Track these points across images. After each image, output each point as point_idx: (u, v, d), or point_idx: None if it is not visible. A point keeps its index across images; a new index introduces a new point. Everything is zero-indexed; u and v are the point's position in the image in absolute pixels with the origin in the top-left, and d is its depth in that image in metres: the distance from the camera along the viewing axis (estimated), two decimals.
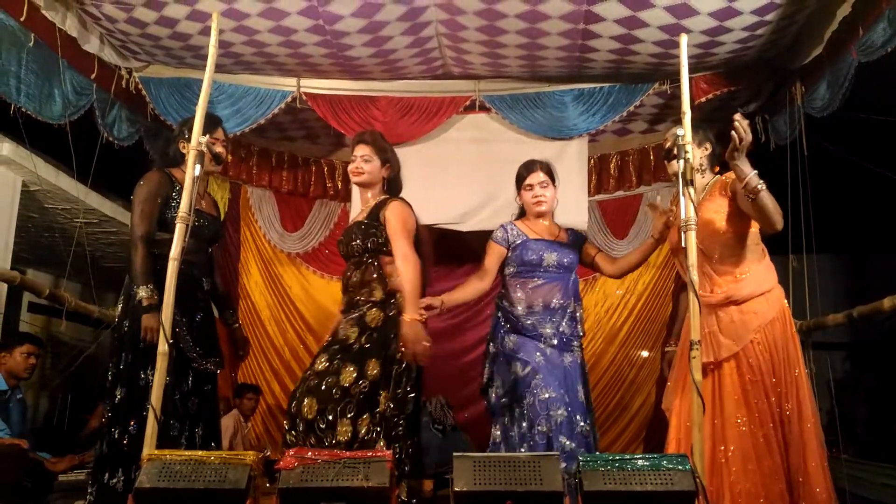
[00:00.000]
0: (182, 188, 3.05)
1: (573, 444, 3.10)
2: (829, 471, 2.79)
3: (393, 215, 3.13)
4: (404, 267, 3.02)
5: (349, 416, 2.91)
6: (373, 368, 2.97)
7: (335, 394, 2.93)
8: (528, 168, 3.48)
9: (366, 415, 2.93)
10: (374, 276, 3.10)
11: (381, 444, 2.90)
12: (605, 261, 3.52)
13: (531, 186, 3.44)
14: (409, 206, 3.22)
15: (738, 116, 2.64)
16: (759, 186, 2.69)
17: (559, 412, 3.11)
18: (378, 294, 3.09)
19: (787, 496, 2.78)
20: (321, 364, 3.02)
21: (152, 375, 2.89)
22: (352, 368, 2.96)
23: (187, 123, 3.24)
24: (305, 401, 2.93)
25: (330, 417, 2.90)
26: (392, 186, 3.32)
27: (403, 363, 3.00)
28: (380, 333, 3.02)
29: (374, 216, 3.16)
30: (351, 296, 3.13)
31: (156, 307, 2.93)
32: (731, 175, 3.10)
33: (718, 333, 2.89)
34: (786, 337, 2.90)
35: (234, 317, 3.55)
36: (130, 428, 2.94)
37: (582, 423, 3.19)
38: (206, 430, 3.17)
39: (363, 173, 3.24)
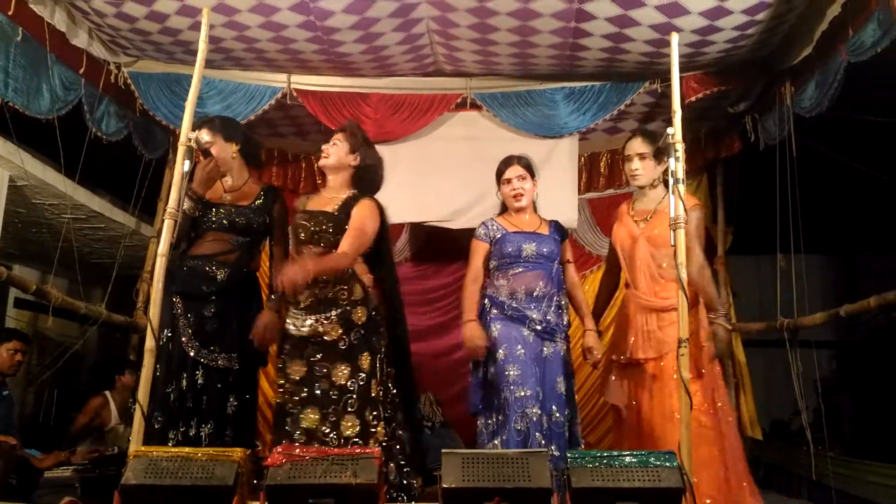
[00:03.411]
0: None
1: (548, 440, 3.18)
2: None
3: (358, 213, 3.10)
4: (338, 258, 2.96)
5: (351, 410, 2.94)
6: (365, 361, 3.01)
7: (332, 395, 2.94)
8: (505, 163, 3.55)
9: (369, 406, 2.97)
10: (350, 272, 3.08)
11: (381, 428, 2.96)
12: (570, 273, 3.57)
13: (509, 180, 3.51)
14: (381, 208, 3.19)
15: None
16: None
17: (534, 410, 3.18)
18: (359, 292, 3.08)
19: (730, 482, 3.01)
20: (297, 372, 3.00)
21: (158, 369, 2.88)
22: (344, 366, 2.97)
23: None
24: (305, 413, 2.93)
25: (333, 419, 2.92)
26: (364, 183, 3.26)
27: (383, 353, 3.08)
28: (366, 329, 3.05)
29: (346, 211, 3.11)
30: (324, 291, 3.05)
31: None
32: (690, 198, 3.32)
33: (658, 332, 3.15)
34: (711, 347, 3.20)
35: (269, 301, 3.23)
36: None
37: (558, 415, 3.25)
38: (216, 429, 3.07)
39: (329, 156, 3.22)
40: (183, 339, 3.07)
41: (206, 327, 3.12)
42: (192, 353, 3.07)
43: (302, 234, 3.13)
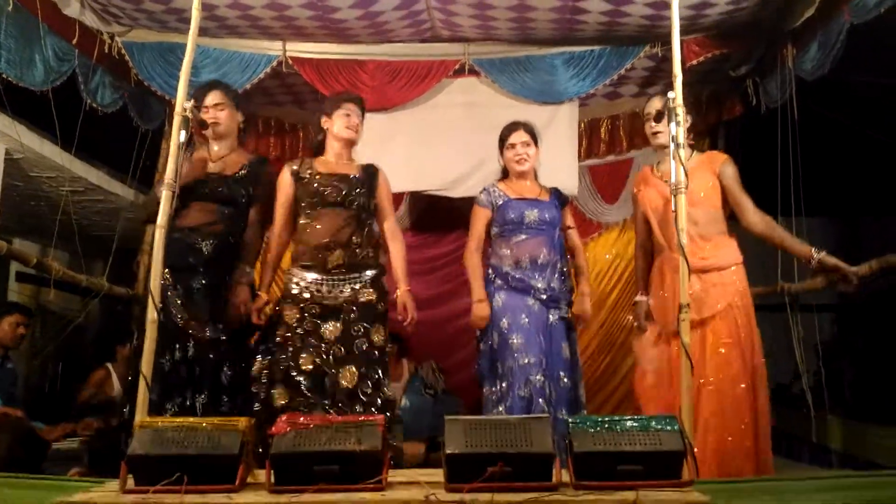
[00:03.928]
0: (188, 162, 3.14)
1: (557, 406, 3.24)
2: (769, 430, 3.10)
3: (387, 186, 3.34)
4: (395, 244, 3.29)
5: (387, 373, 3.12)
6: (386, 327, 3.19)
7: (374, 354, 3.06)
8: (510, 128, 3.56)
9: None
10: (377, 238, 3.28)
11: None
12: (573, 237, 3.62)
13: (513, 146, 3.53)
14: None
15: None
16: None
17: (537, 377, 3.22)
18: (384, 258, 3.27)
19: (754, 452, 2.99)
20: (333, 331, 3.07)
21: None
22: (382, 329, 3.14)
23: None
24: (342, 371, 3.01)
25: (376, 377, 3.06)
26: None
27: None
28: (388, 297, 3.21)
29: (370, 178, 3.23)
30: (354, 253, 3.16)
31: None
32: (718, 155, 3.40)
33: (700, 293, 3.07)
34: (751, 304, 3.20)
35: (238, 275, 3.24)
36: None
37: (566, 380, 3.31)
38: (210, 399, 3.11)
39: (358, 132, 3.37)
40: (172, 310, 3.08)
41: (194, 299, 3.14)
42: (181, 325, 3.09)
43: (334, 195, 3.19)
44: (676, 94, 2.76)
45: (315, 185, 3.21)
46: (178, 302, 3.10)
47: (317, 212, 3.20)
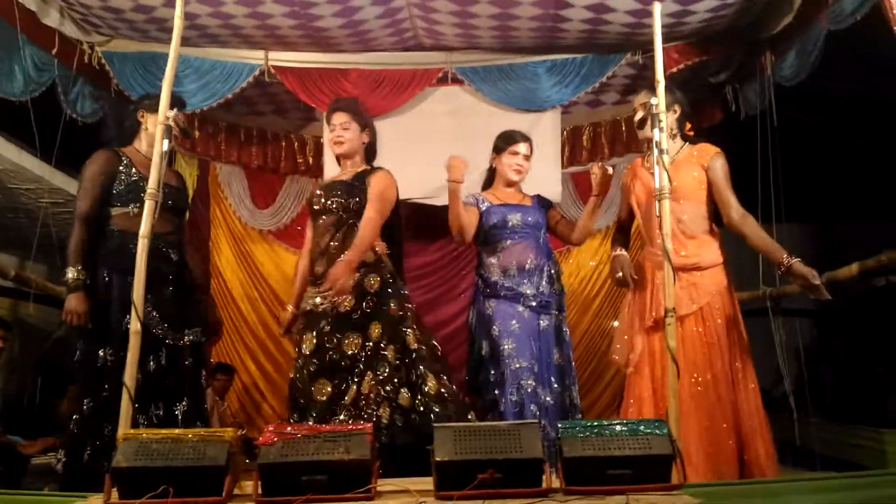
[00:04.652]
0: (131, 163, 3.17)
1: (546, 412, 3.24)
2: (769, 429, 3.03)
3: (377, 182, 3.21)
4: (364, 228, 3.06)
5: (356, 380, 2.98)
6: (374, 329, 3.04)
7: (344, 365, 2.99)
8: (517, 136, 3.63)
9: (368, 374, 2.98)
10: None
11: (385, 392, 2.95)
12: (566, 227, 3.68)
13: (517, 153, 3.59)
14: (394, 179, 3.30)
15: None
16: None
17: (529, 381, 3.25)
18: (370, 257, 3.13)
19: (735, 453, 2.97)
20: (310, 344, 3.04)
21: (110, 354, 2.91)
22: (355, 336, 3.02)
23: (147, 98, 3.31)
24: (316, 386, 2.99)
25: (343, 387, 2.98)
26: (371, 153, 3.37)
27: (407, 318, 3.10)
28: (379, 297, 3.09)
29: (361, 178, 3.21)
30: (333, 259, 3.10)
31: (80, 289, 2.97)
32: (708, 148, 3.28)
33: (678, 291, 2.99)
34: (734, 303, 3.14)
35: (201, 295, 3.43)
36: (85, 407, 2.96)
37: (556, 386, 3.35)
38: (190, 407, 3.10)
39: (344, 142, 3.27)
40: (148, 321, 3.03)
41: (169, 307, 3.12)
42: (159, 335, 3.06)
43: (315, 206, 3.19)
44: (659, 101, 2.78)
45: (310, 200, 3.29)
46: (155, 313, 3.06)
47: (312, 224, 3.27)
